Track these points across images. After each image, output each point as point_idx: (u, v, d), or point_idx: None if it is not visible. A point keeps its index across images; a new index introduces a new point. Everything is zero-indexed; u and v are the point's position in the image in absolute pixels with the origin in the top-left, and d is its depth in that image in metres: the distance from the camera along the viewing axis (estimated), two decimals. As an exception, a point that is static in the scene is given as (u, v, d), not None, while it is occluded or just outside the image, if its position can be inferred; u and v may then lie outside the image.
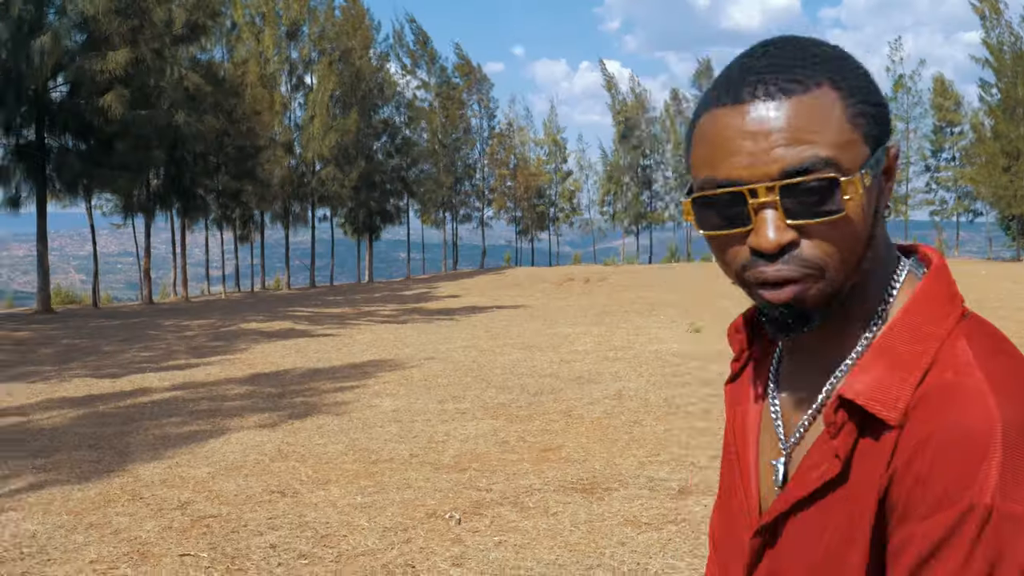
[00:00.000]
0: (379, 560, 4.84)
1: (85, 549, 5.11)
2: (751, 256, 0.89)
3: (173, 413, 9.22)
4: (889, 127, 0.92)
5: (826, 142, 0.85)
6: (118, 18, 23.50)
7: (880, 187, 0.92)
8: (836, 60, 0.90)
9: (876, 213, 0.92)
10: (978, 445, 0.79)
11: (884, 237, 0.95)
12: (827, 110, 0.86)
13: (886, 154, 0.91)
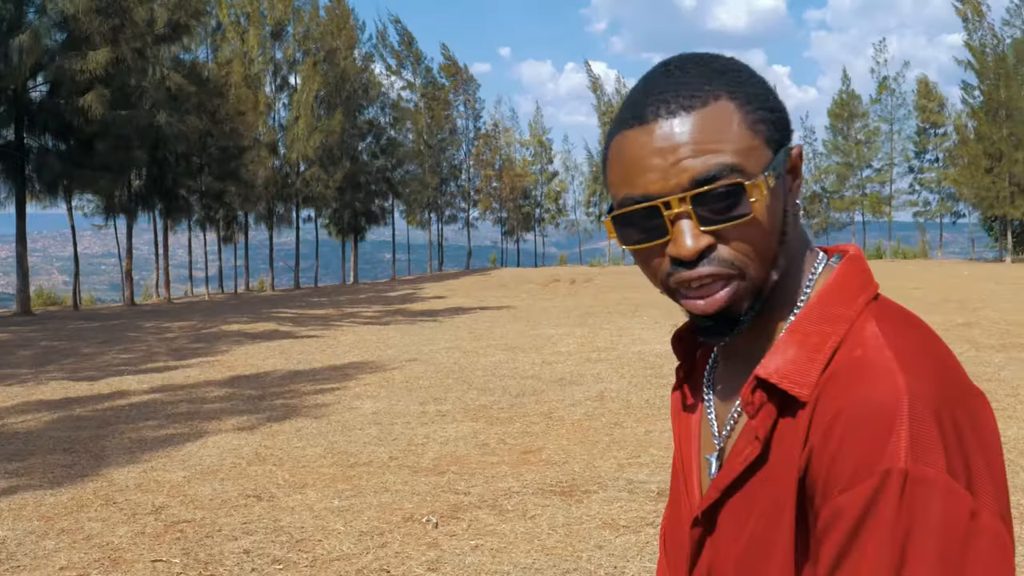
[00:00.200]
0: (354, 565, 4.79)
1: (55, 555, 5.04)
2: (672, 265, 0.93)
3: (150, 416, 9.14)
4: (789, 130, 0.97)
5: (729, 150, 0.90)
6: (99, 17, 23.31)
7: (787, 186, 0.96)
8: (732, 73, 0.95)
9: (785, 211, 0.95)
10: (887, 417, 0.81)
11: (800, 235, 0.99)
12: (727, 120, 0.91)
13: (789, 155, 0.95)
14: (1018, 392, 9.33)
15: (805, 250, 1.00)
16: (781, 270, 0.95)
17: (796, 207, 0.97)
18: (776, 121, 0.94)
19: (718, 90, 0.92)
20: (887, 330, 0.89)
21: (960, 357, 11.61)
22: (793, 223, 0.97)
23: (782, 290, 0.97)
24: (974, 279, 29.50)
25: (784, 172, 0.94)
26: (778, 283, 0.96)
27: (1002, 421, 7.98)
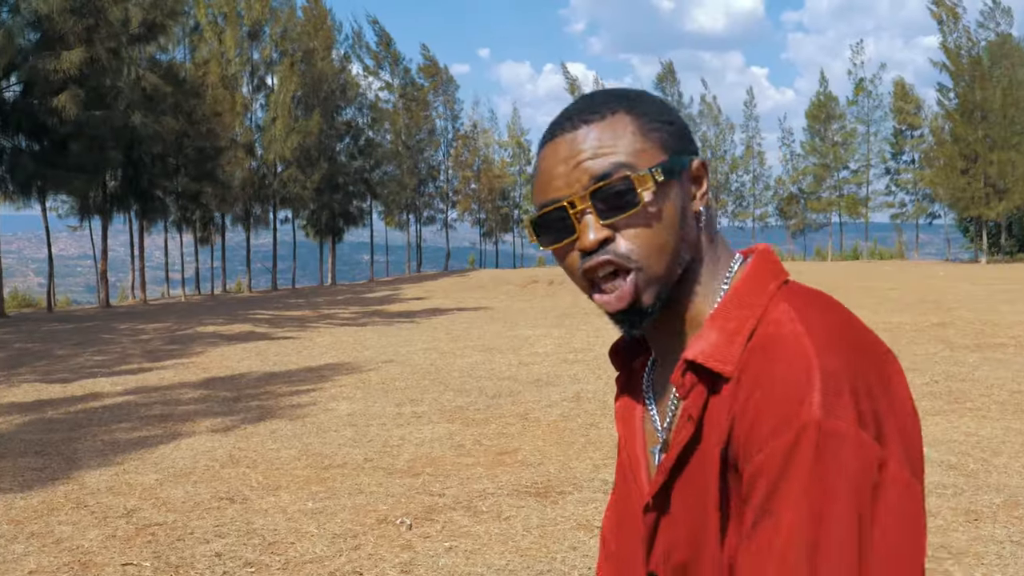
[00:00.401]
0: (326, 568, 4.78)
1: (25, 559, 5.00)
2: (581, 258, 1.03)
3: (123, 418, 9.07)
4: (690, 143, 1.08)
5: (622, 152, 1.02)
6: (73, 17, 23.10)
7: (687, 192, 1.06)
8: (633, 94, 1.09)
9: (685, 213, 1.05)
10: (800, 380, 0.89)
11: (718, 239, 1.10)
12: (622, 129, 1.03)
13: (690, 164, 1.06)
14: (992, 392, 9.44)
15: (724, 253, 1.10)
16: (684, 265, 1.04)
17: (704, 213, 1.07)
18: (672, 132, 1.06)
19: (617, 107, 1.04)
20: (797, 306, 0.97)
21: (934, 357, 11.77)
22: (701, 226, 1.07)
23: (702, 288, 1.07)
24: (950, 279, 29.79)
25: (684, 179, 1.05)
26: (697, 282, 1.06)
27: (975, 420, 8.08)
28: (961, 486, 6.07)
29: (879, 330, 14.78)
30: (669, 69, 56.33)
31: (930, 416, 8.32)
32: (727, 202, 55.47)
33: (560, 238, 1.05)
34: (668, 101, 1.10)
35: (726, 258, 1.10)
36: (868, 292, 24.64)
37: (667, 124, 1.06)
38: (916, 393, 9.34)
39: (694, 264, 1.06)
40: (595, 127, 1.03)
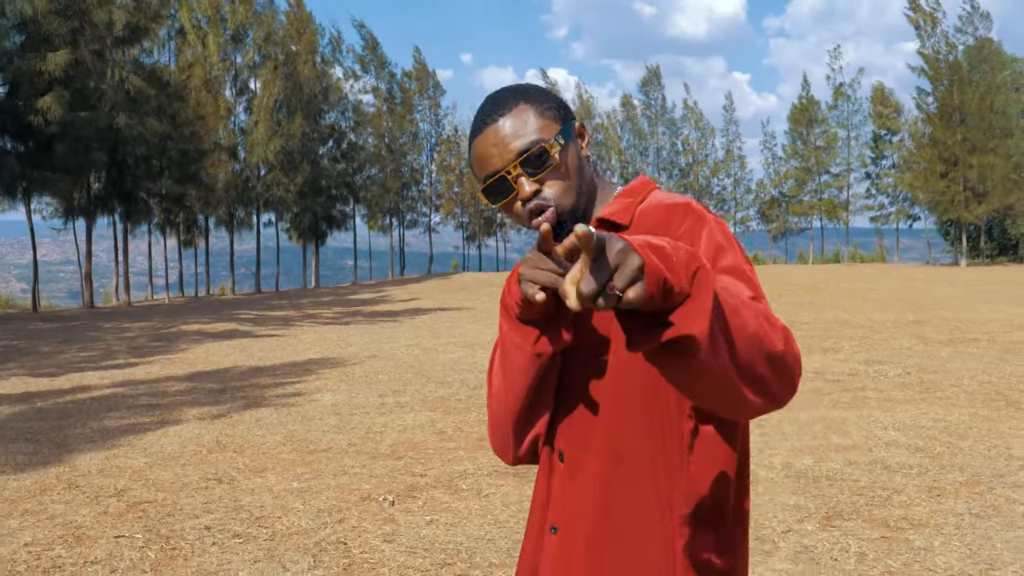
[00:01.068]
0: (312, 539, 4.97)
1: (20, 533, 5.16)
2: (522, 205, 1.49)
3: (112, 408, 9.23)
4: (570, 113, 1.54)
5: (532, 131, 1.48)
6: (58, 19, 23.24)
7: (578, 146, 1.54)
8: (523, 89, 1.55)
9: (581, 162, 1.53)
10: (680, 199, 1.52)
11: (603, 176, 1.63)
12: (526, 115, 1.49)
13: (573, 127, 1.53)
14: (961, 382, 9.72)
15: (609, 183, 1.63)
16: (586, 196, 1.53)
17: (588, 158, 1.56)
18: (558, 109, 1.53)
19: (518, 101, 1.51)
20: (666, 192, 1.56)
21: (909, 351, 12.07)
22: (591, 168, 1.58)
23: (600, 202, 1.58)
24: (929, 281, 30.20)
25: (574, 138, 1.53)
26: (589, 202, 1.54)
27: (944, 408, 8.34)
28: (927, 466, 6.32)
29: (858, 327, 15.15)
30: (655, 73, 56.73)
31: (901, 404, 8.58)
32: (708, 205, 55.80)
33: (505, 196, 1.50)
34: (549, 89, 1.52)
35: (611, 185, 1.62)
36: (848, 293, 25.00)
37: (553, 105, 1.52)
38: (889, 383, 9.64)
39: (592, 192, 1.55)
40: (508, 118, 1.49)
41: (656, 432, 1.40)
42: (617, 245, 1.04)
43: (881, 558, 4.57)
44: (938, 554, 4.62)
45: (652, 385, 1.39)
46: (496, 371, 1.54)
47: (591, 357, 1.46)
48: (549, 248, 1.28)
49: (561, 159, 1.48)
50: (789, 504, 5.47)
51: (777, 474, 6.17)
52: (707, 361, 1.09)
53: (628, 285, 1.03)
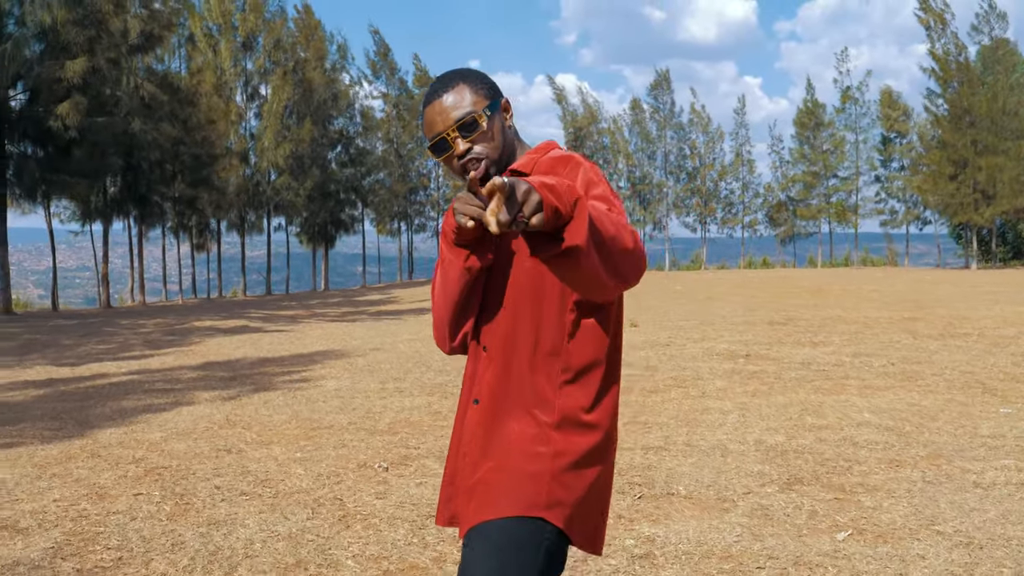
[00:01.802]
0: (311, 496, 5.45)
1: (49, 492, 5.66)
2: (457, 160, 1.98)
3: (130, 392, 9.76)
4: (499, 93, 2.04)
5: (467, 104, 1.96)
6: (75, 28, 23.90)
7: (502, 117, 2.03)
8: (466, 72, 2.03)
9: (503, 129, 2.02)
10: (566, 154, 2.01)
11: (519, 140, 2.11)
12: (463, 92, 1.97)
13: (501, 103, 2.03)
14: (943, 372, 10.10)
15: (523, 145, 2.12)
16: (507, 154, 2.01)
17: (510, 127, 2.06)
18: (489, 88, 2.01)
19: (458, 81, 1.98)
20: (561, 149, 2.08)
21: (897, 344, 12.49)
22: (511, 133, 2.06)
23: (511, 161, 2.05)
24: (935, 283, 30.44)
25: (500, 112, 2.01)
26: (515, 157, 2.05)
27: (921, 394, 8.73)
28: (892, 443, 6.73)
29: (852, 323, 15.54)
30: (664, 77, 57.09)
31: (880, 391, 8.98)
32: (716, 209, 56.09)
33: (445, 153, 1.98)
34: (484, 73, 2.02)
35: (525, 146, 2.12)
36: (851, 295, 25.31)
37: (485, 85, 1.99)
38: (872, 373, 10.05)
39: (512, 151, 2.04)
40: (449, 94, 1.96)
41: (544, 324, 1.92)
42: (523, 187, 1.49)
43: (831, 514, 5.00)
44: (885, 512, 5.05)
45: (542, 290, 1.91)
46: (437, 284, 2.05)
47: (503, 271, 1.95)
48: (476, 190, 1.73)
49: (488, 126, 1.95)
50: (753, 471, 5.91)
51: (748, 448, 6.60)
52: (585, 261, 1.56)
53: (532, 214, 1.49)
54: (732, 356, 11.78)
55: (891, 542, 4.50)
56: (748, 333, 14.65)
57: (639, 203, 56.63)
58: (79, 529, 4.85)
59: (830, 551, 4.37)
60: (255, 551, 4.43)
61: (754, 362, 11.19)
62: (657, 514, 5.03)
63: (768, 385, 9.43)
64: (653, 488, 5.55)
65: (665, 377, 10.07)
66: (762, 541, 4.54)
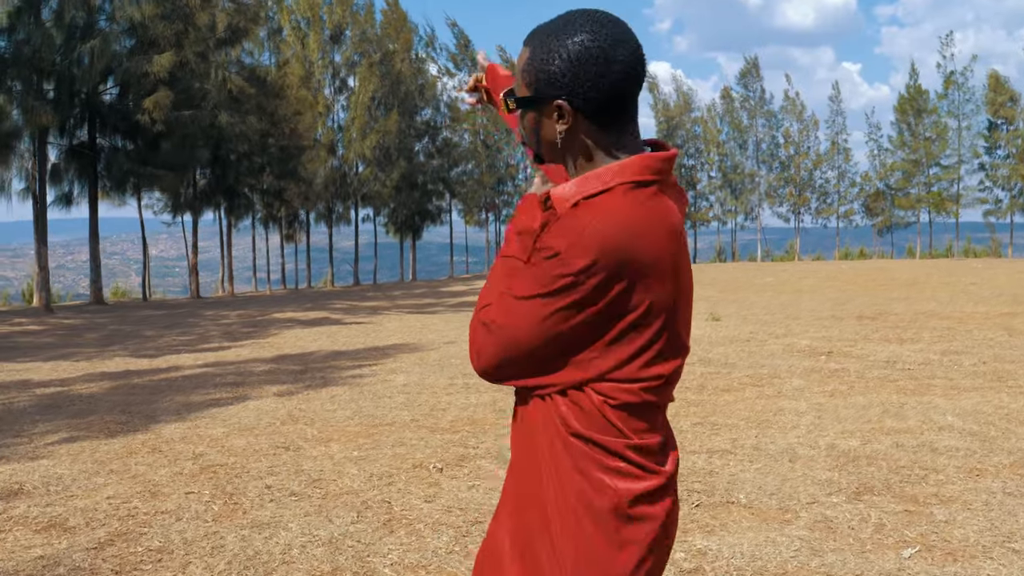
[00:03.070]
0: (360, 498, 5.37)
1: (104, 488, 5.73)
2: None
3: (200, 385, 9.90)
4: (557, 88, 1.60)
5: (516, 76, 1.68)
6: (163, 22, 24.56)
7: (547, 118, 1.65)
8: (537, 35, 1.64)
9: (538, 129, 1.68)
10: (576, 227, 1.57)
11: (597, 158, 1.64)
12: (521, 61, 1.66)
13: (547, 104, 1.64)
14: (1034, 371, 9.55)
15: (602, 155, 1.63)
16: (556, 155, 1.67)
17: (567, 139, 1.63)
18: (541, 77, 1.60)
19: (529, 42, 1.64)
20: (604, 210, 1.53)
21: (990, 342, 11.86)
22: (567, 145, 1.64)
23: (572, 168, 1.67)
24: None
25: (543, 111, 1.63)
26: (570, 165, 1.66)
27: (1011, 396, 8.25)
28: (974, 449, 6.33)
29: (945, 319, 14.86)
30: (753, 65, 55.88)
31: (967, 392, 8.51)
32: (810, 199, 54.69)
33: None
34: (559, 45, 1.63)
35: (605, 158, 1.63)
36: (947, 287, 24.33)
37: (541, 70, 1.59)
38: (960, 373, 9.54)
39: (568, 158, 1.66)
40: (521, 52, 1.66)
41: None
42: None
43: (899, 528, 4.69)
44: (957, 527, 4.71)
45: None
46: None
47: None
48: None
49: (520, 113, 1.68)
50: (821, 479, 5.61)
51: (819, 453, 6.29)
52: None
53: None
54: (813, 353, 11.35)
55: (961, 560, 4.19)
56: (834, 328, 14.13)
57: (731, 193, 55.63)
58: (125, 529, 4.86)
59: (893, 570, 4.08)
60: (292, 557, 4.36)
61: (836, 360, 10.75)
62: (713, 524, 4.79)
63: (848, 385, 9.02)
64: (713, 496, 5.30)
65: (741, 375, 9.74)
66: (821, 557, 4.27)
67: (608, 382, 1.57)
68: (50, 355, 13.18)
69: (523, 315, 1.54)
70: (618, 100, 1.59)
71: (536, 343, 1.55)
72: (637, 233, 1.51)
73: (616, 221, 1.50)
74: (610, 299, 1.51)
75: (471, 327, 1.63)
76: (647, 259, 1.52)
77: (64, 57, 23.20)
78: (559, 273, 1.49)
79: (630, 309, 1.53)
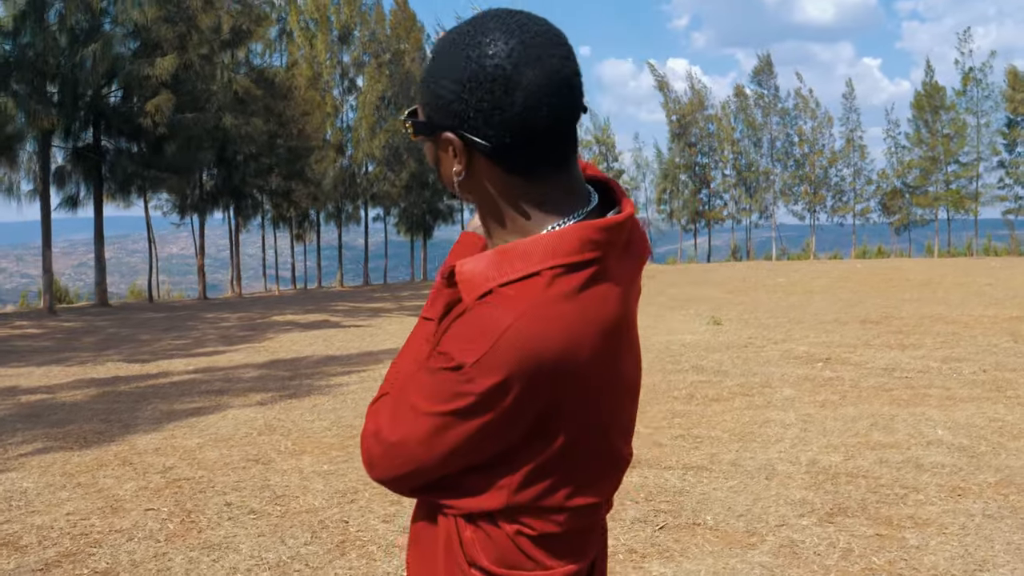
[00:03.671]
0: (318, 517, 5.28)
1: (66, 503, 5.66)
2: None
3: (185, 393, 9.84)
4: (448, 117, 1.23)
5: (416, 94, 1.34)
6: (166, 25, 24.58)
7: (443, 150, 1.29)
8: (434, 51, 1.27)
9: (440, 162, 1.31)
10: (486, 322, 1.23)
11: (519, 200, 1.28)
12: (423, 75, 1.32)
13: (438, 135, 1.28)
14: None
15: (515, 215, 1.28)
16: (465, 188, 1.29)
17: (468, 175, 1.27)
18: (432, 103, 1.24)
19: (432, 52, 1.28)
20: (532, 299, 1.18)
21: (994, 348, 11.62)
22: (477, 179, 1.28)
23: (490, 222, 1.32)
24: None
25: (438, 141, 1.26)
26: (486, 215, 1.32)
27: (1007, 407, 8.06)
28: (960, 466, 6.17)
29: (951, 323, 14.62)
30: (766, 61, 55.45)
31: (962, 403, 8.33)
32: (825, 197, 54.25)
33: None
34: (453, 59, 1.20)
35: (541, 218, 1.26)
36: (961, 288, 24.01)
37: (431, 90, 1.23)
38: (958, 382, 9.34)
39: (479, 209, 1.32)
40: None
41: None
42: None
43: (867, 555, 4.55)
44: (929, 553, 4.57)
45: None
46: None
47: None
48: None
49: (422, 139, 1.31)
50: (795, 499, 5.47)
51: (798, 469, 6.14)
52: None
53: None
54: (810, 360, 11.17)
55: (925, 594, 4.04)
56: (836, 333, 13.93)
57: (745, 191, 55.28)
58: (75, 548, 4.79)
59: (851, 604, 3.94)
60: (235, 581, 4.27)
61: (832, 367, 10.57)
62: (674, 549, 4.66)
63: (840, 395, 8.86)
64: (679, 517, 5.17)
65: (732, 384, 9.58)
66: (780, 587, 4.14)
67: (525, 512, 1.28)
68: (44, 360, 13.19)
69: (417, 430, 1.22)
70: (527, 141, 1.21)
71: (434, 463, 1.24)
72: (564, 339, 1.18)
73: (539, 326, 1.16)
74: (526, 421, 1.20)
75: (363, 431, 1.31)
76: (575, 370, 1.20)
77: (67, 60, 23.28)
78: (460, 391, 1.17)
79: (552, 431, 1.23)
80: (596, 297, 1.22)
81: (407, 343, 1.39)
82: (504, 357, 1.15)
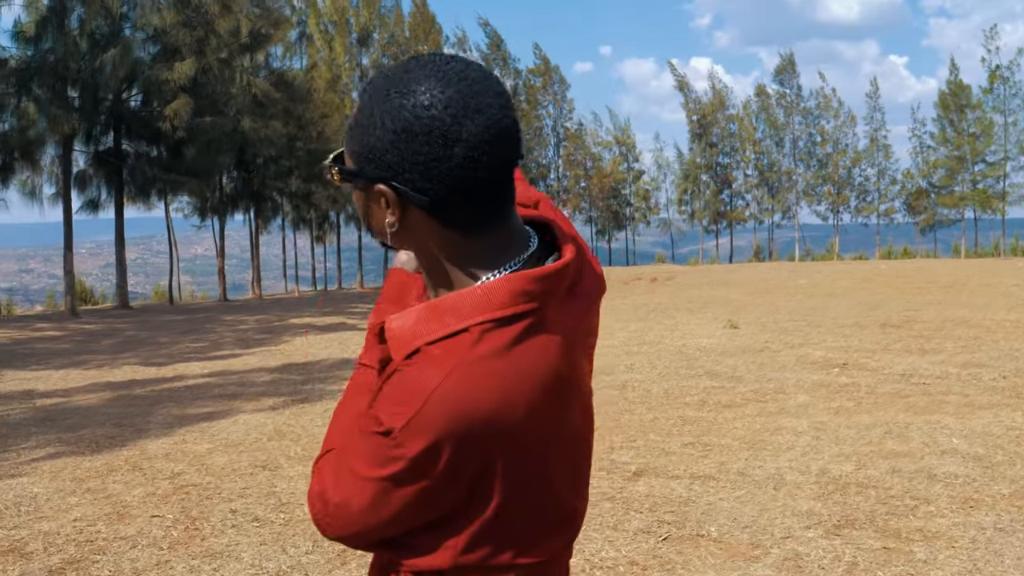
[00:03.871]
0: (323, 524, 5.27)
1: (74, 509, 5.69)
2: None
3: (198, 397, 9.90)
4: (379, 168, 1.18)
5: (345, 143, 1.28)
6: (184, 29, 24.77)
7: (373, 200, 1.24)
8: (363, 98, 1.21)
9: (368, 212, 1.26)
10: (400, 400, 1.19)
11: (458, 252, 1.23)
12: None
13: (370, 187, 1.22)
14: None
15: (454, 270, 1.23)
16: (396, 241, 1.24)
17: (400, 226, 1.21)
18: (360, 153, 1.19)
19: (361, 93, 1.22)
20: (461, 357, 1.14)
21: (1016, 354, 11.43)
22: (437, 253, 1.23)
23: (430, 272, 1.26)
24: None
25: (369, 192, 1.21)
26: (425, 265, 1.26)
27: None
28: (974, 476, 6.07)
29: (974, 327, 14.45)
30: (789, 61, 55.12)
31: (980, 410, 8.21)
32: (849, 197, 53.83)
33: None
34: (386, 107, 1.15)
35: (476, 268, 1.22)
36: (986, 290, 23.70)
37: (360, 139, 1.18)
38: (977, 388, 9.22)
39: (418, 253, 1.26)
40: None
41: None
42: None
43: (872, 569, 4.49)
44: (936, 567, 4.50)
45: None
46: None
47: None
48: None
49: (352, 187, 1.26)
50: (802, 510, 5.40)
51: (807, 479, 6.07)
52: None
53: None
54: (827, 365, 11.06)
55: (929, 610, 3.98)
56: (854, 337, 13.79)
57: (767, 191, 54.97)
58: (80, 555, 4.81)
59: (853, 620, 3.89)
60: (235, 591, 4.28)
61: (849, 373, 10.46)
62: (676, 562, 4.62)
63: (856, 401, 8.75)
64: (683, 528, 5.12)
65: (746, 390, 9.50)
66: (781, 602, 4.09)
67: (473, 571, 1.25)
68: (63, 363, 13.31)
69: (358, 494, 1.19)
70: (466, 195, 1.17)
71: (378, 525, 1.21)
72: (496, 397, 1.14)
73: (467, 385, 1.13)
74: (463, 482, 1.18)
75: (309, 490, 1.28)
76: (510, 428, 1.16)
77: (88, 65, 23.50)
78: (392, 456, 1.14)
79: (488, 492, 1.20)
80: (532, 350, 1.18)
81: (347, 391, 1.36)
82: (432, 420, 1.12)
